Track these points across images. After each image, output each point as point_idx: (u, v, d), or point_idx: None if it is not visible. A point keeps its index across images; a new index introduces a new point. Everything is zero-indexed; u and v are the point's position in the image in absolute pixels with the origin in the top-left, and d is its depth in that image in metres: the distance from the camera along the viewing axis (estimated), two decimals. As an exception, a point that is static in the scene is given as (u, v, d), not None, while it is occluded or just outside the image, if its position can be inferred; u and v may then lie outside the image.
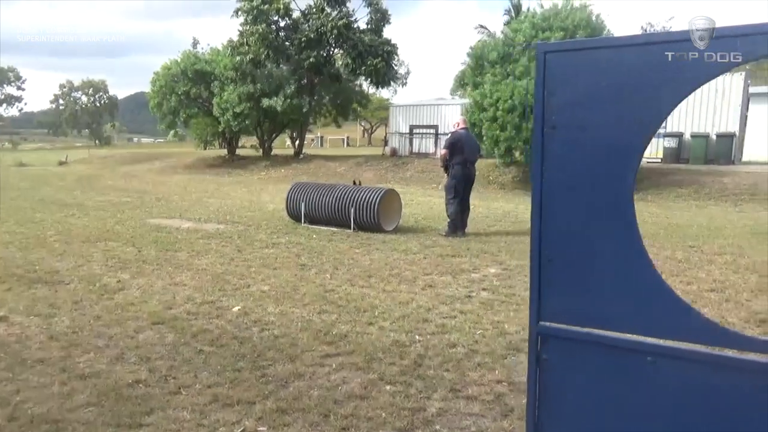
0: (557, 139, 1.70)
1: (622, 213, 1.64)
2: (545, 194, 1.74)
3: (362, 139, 65.54)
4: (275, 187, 19.37)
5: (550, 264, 1.74)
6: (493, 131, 16.80)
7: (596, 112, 1.63)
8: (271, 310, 5.17)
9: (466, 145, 9.21)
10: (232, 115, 25.35)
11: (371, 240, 8.72)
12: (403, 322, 4.87)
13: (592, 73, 1.63)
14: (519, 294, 5.78)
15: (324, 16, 24.62)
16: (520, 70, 17.30)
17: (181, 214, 11.62)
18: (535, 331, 1.81)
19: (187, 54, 28.54)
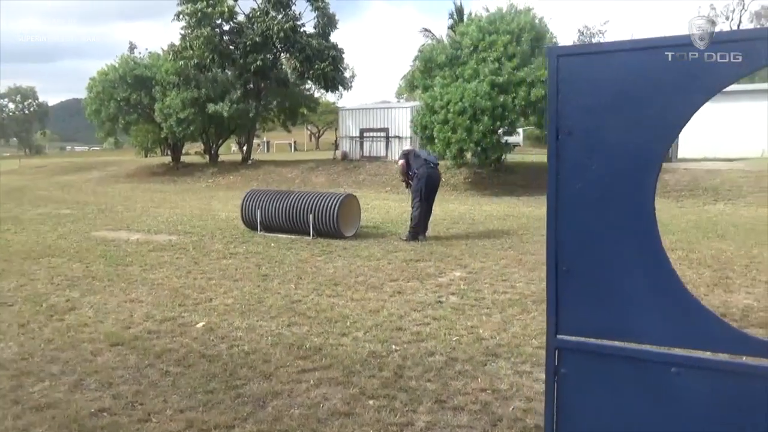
0: (573, 145, 1.64)
1: (643, 221, 1.60)
2: (561, 202, 1.68)
3: (310, 144, 64.99)
4: (225, 194, 18.89)
5: (567, 275, 1.69)
6: (445, 133, 16.93)
7: (614, 117, 1.59)
8: (237, 325, 4.96)
9: (421, 152, 9.40)
10: (176, 120, 24.57)
11: (332, 247, 8.57)
12: (376, 331, 4.76)
13: (609, 76, 1.58)
14: (488, 297, 5.78)
15: (269, 19, 24.23)
16: (469, 72, 17.53)
17: (129, 226, 11.11)
18: (553, 345, 1.75)
19: (125, 59, 27.49)
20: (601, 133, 1.61)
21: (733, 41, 1.56)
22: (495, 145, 17.25)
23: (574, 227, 1.68)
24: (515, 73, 17.00)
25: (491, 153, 17.44)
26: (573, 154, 1.65)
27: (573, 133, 1.64)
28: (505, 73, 17.02)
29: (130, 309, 5.47)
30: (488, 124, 16.41)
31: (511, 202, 15.86)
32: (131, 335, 4.72)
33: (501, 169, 19.79)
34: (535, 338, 4.56)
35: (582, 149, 1.63)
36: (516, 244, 8.70)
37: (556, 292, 1.72)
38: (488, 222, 11.42)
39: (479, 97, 16.52)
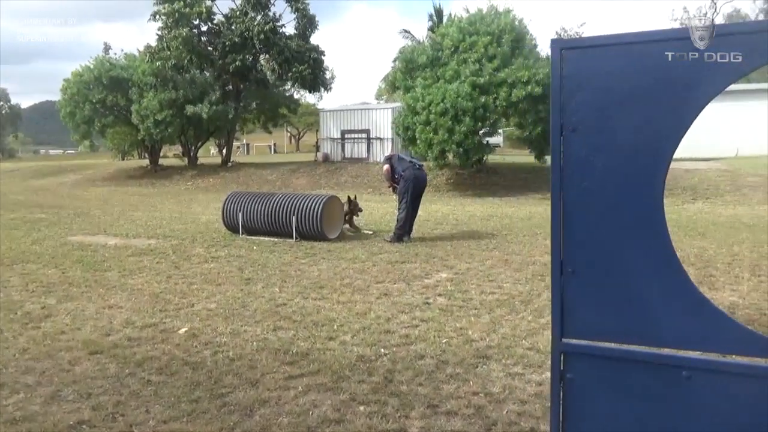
0: (578, 142, 1.58)
1: (652, 220, 1.55)
2: (566, 201, 1.61)
3: (290, 146, 64.59)
4: (205, 197, 18.63)
5: (573, 276, 1.63)
6: (426, 134, 16.92)
7: (622, 113, 1.53)
8: (221, 330, 4.83)
9: (405, 156, 9.33)
10: (153, 122, 24.21)
11: (315, 249, 8.46)
12: (364, 334, 4.68)
13: (618, 70, 1.52)
14: (476, 298, 5.73)
15: (249, 20, 24.01)
16: (450, 73, 17.55)
17: (106, 230, 10.87)
18: (558, 348, 1.68)
19: (100, 60, 27.02)
20: (608, 130, 1.55)
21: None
22: (476, 146, 17.28)
23: (579, 227, 1.62)
24: (496, 74, 17.06)
25: (473, 154, 17.47)
26: (578, 152, 1.59)
27: (578, 130, 1.59)
28: (486, 74, 17.07)
29: (109, 315, 5.30)
30: (470, 124, 16.44)
31: (494, 202, 15.91)
32: (110, 343, 4.56)
33: (482, 170, 19.86)
34: (525, 339, 4.52)
35: (587, 146, 1.58)
36: (501, 245, 8.69)
37: (561, 294, 1.66)
38: (472, 223, 11.41)
39: (460, 97, 16.54)
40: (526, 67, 17.01)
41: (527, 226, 10.80)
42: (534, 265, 7.25)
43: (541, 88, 16.56)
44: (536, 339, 4.52)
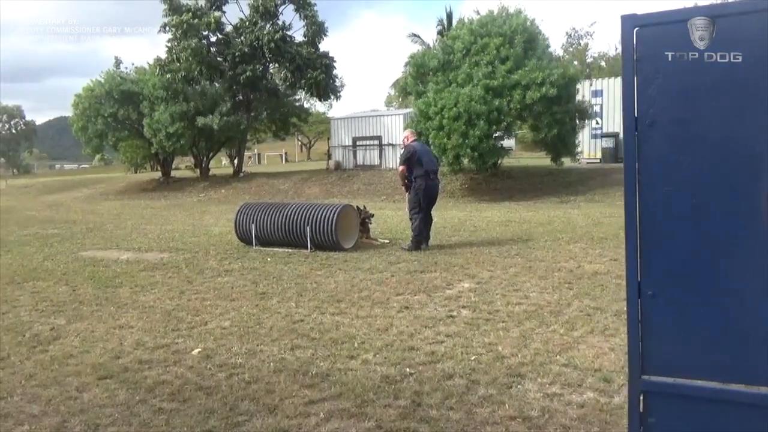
0: (657, 138, 1.31)
1: (753, 231, 1.27)
2: (644, 210, 1.34)
3: (301, 154, 64.68)
4: (218, 209, 18.50)
5: (654, 300, 1.36)
6: (440, 140, 16.67)
7: (712, 102, 1.26)
8: (236, 350, 4.60)
9: (423, 156, 8.86)
10: (165, 135, 24.21)
11: (331, 260, 8.22)
12: (387, 352, 4.41)
13: (706, 49, 1.26)
14: (502, 310, 5.45)
15: (258, 29, 23.96)
16: (462, 77, 17.30)
17: (118, 245, 10.72)
18: (637, 387, 1.41)
19: (111, 74, 27.13)
20: (695, 123, 1.28)
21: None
22: (491, 149, 16.99)
23: (661, 241, 1.35)
24: (509, 76, 16.78)
25: (488, 158, 17.19)
26: (658, 150, 1.32)
27: (657, 124, 1.32)
28: (499, 76, 16.80)
29: (120, 336, 5.09)
30: (484, 128, 16.17)
31: (511, 207, 15.59)
32: (120, 366, 4.34)
33: (497, 174, 19.56)
34: (560, 355, 4.23)
35: (669, 144, 1.31)
36: (523, 251, 8.40)
37: (640, 322, 1.38)
38: (490, 228, 11.12)
39: (474, 101, 16.28)
40: (540, 68, 16.71)
41: (548, 230, 10.49)
42: (559, 272, 6.96)
43: (555, 90, 16.26)
44: (571, 354, 4.23)
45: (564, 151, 18.58)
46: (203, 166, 28.43)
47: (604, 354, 4.21)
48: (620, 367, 3.94)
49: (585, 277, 6.61)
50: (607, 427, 3.16)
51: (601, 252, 8.09)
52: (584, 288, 6.13)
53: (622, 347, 4.32)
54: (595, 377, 3.79)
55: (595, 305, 5.46)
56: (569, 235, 9.69)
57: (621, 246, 8.28)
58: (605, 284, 6.25)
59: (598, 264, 7.32)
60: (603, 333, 4.69)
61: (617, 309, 5.29)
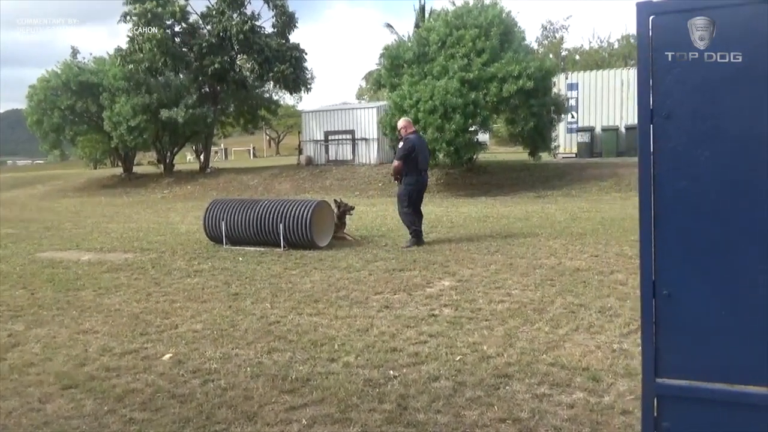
0: (674, 131, 1.29)
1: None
2: (659, 206, 1.31)
3: (269, 149, 64.05)
4: (184, 206, 18.17)
5: (669, 300, 1.33)
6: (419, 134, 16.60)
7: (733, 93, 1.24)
8: (210, 355, 4.48)
9: (421, 153, 8.86)
10: (127, 129, 23.63)
11: (306, 259, 8.13)
12: (369, 354, 4.36)
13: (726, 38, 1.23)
14: (485, 308, 5.45)
15: (226, 19, 23.58)
16: (438, 69, 17.31)
17: (78, 245, 10.42)
18: (651, 391, 1.38)
19: (68, 64, 26.34)
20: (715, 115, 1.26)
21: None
22: (467, 144, 17.05)
23: (678, 239, 1.32)
24: (485, 69, 16.86)
25: (464, 152, 17.25)
26: (675, 144, 1.29)
27: (674, 116, 1.29)
28: (475, 68, 16.87)
29: (84, 342, 4.92)
30: (460, 122, 16.21)
31: (488, 202, 15.69)
32: (86, 374, 4.19)
33: (473, 169, 19.65)
34: (546, 354, 4.24)
35: (687, 136, 1.28)
36: (503, 247, 8.43)
37: (654, 323, 1.36)
38: (468, 224, 11.16)
39: (449, 94, 16.30)
40: (517, 60, 16.83)
41: (526, 226, 10.57)
42: (541, 268, 7.01)
43: (532, 82, 16.40)
44: (558, 353, 4.24)
45: (541, 145, 18.77)
46: (167, 161, 27.87)
47: (591, 352, 4.23)
48: (608, 366, 3.97)
49: (567, 274, 6.67)
50: (599, 428, 3.16)
51: (581, 248, 8.18)
52: (567, 285, 6.17)
53: (609, 345, 4.36)
54: (583, 376, 3.80)
55: (579, 302, 5.50)
56: (548, 231, 9.78)
57: (601, 242, 8.45)
58: (587, 281, 6.31)
59: (579, 260, 7.39)
60: (588, 330, 4.72)
61: (601, 306, 5.35)
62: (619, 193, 15.87)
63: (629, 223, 10.23)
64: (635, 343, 4.31)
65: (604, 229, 9.75)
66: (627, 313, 5.09)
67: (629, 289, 5.89)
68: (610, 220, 10.91)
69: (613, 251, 7.85)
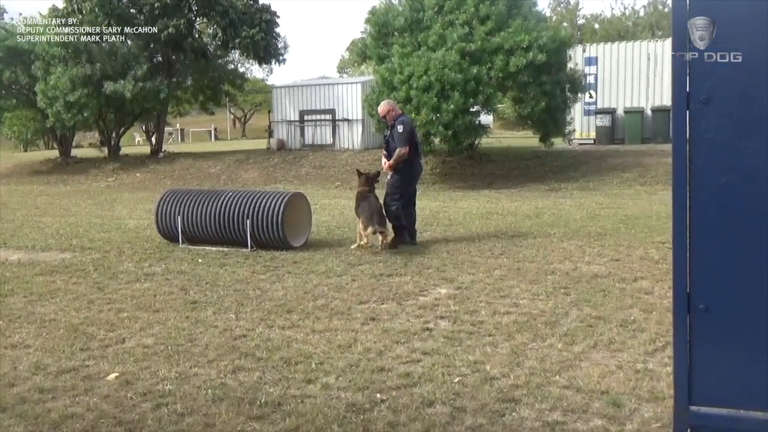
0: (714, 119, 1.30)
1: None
2: (695, 206, 1.33)
3: (234, 131, 63.86)
4: (132, 197, 18.08)
5: (707, 316, 1.35)
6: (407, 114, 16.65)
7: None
8: (164, 374, 4.48)
9: (416, 135, 9.11)
10: (64, 105, 23.37)
11: (278, 261, 8.14)
12: (352, 374, 4.38)
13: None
14: (488, 321, 5.50)
15: (182, -25, 23.43)
16: (434, 39, 17.35)
17: (6, 242, 10.35)
18: (684, 420, 1.40)
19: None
20: (761, 101, 1.27)
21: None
22: (468, 127, 17.11)
23: (717, 244, 1.34)
24: (490, 39, 16.93)
25: (464, 137, 17.31)
26: (715, 133, 1.31)
27: (714, 101, 1.30)
28: (478, 38, 16.92)
29: (13, 358, 4.90)
30: (459, 101, 16.26)
31: (492, 196, 15.78)
32: (16, 397, 4.17)
33: (474, 156, 19.75)
34: (559, 374, 4.29)
35: (730, 125, 1.30)
36: (508, 249, 8.50)
37: (689, 342, 1.38)
38: (468, 222, 11.23)
39: (447, 68, 16.35)
40: (526, 29, 16.91)
41: (536, 224, 10.66)
42: (553, 274, 7.09)
43: (544, 55, 16.48)
44: (573, 374, 4.29)
45: (554, 129, 18.89)
46: (112, 143, 27.69)
47: (611, 373, 4.29)
48: (631, 389, 4.02)
49: (583, 281, 6.74)
50: (620, 461, 3.21)
51: (600, 250, 8.27)
52: (583, 294, 6.24)
53: (632, 364, 4.42)
54: (602, 401, 3.86)
55: (597, 314, 5.57)
56: (562, 231, 9.87)
57: (623, 243, 8.55)
58: (607, 289, 6.39)
59: (598, 265, 7.48)
60: (608, 347, 4.78)
61: (623, 318, 5.42)
62: (644, 186, 16.03)
63: (656, 222, 10.37)
64: (663, 362, 4.38)
65: (626, 229, 9.86)
66: (653, 327, 5.16)
67: (656, 299, 5.98)
68: (633, 217, 11.02)
69: (636, 254, 7.95)
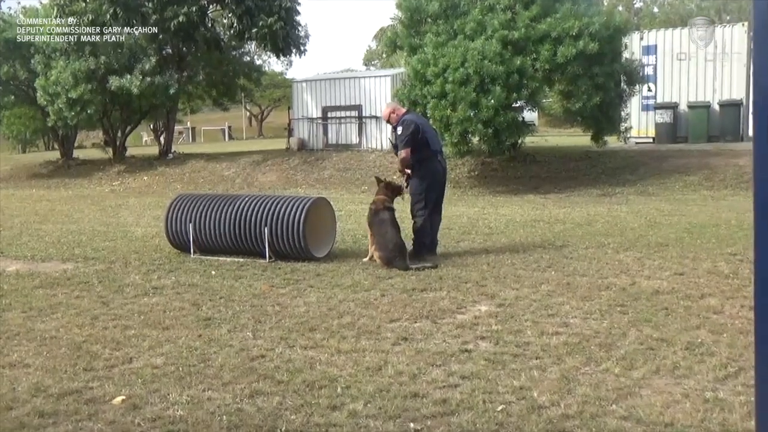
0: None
1: None
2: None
3: (250, 129, 64.51)
4: (139, 202, 18.36)
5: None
6: (442, 111, 16.69)
7: None
8: (174, 398, 4.52)
9: (428, 131, 8.95)
10: (66, 102, 23.89)
11: (299, 273, 8.19)
12: (382, 400, 4.38)
13: None
14: (534, 342, 5.45)
15: (193, -42, 23.80)
16: (472, 26, 17.36)
17: (3, 251, 10.57)
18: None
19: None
20: None
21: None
22: (510, 125, 17.05)
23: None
24: (535, 26, 16.89)
25: (505, 136, 17.25)
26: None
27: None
28: (521, 25, 16.90)
29: (11, 378, 4.99)
30: (501, 96, 16.22)
31: (537, 201, 15.70)
32: (14, 421, 4.25)
33: (517, 157, 19.68)
34: (616, 403, 4.23)
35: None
36: (557, 262, 8.44)
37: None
38: (511, 231, 11.18)
39: (487, 59, 16.32)
40: (576, 15, 16.84)
41: (588, 233, 10.58)
42: (608, 290, 7.02)
43: (596, 44, 16.37)
44: (632, 403, 4.23)
45: (608, 126, 18.76)
46: (118, 144, 28.18)
47: (676, 402, 4.22)
48: (699, 421, 3.95)
49: (642, 298, 6.66)
50: (687, 503, 3.15)
51: (661, 263, 8.17)
52: (642, 312, 6.17)
53: (700, 392, 4.35)
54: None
55: (659, 336, 5.50)
56: (617, 241, 9.78)
57: (687, 255, 8.45)
58: (670, 307, 6.30)
59: (659, 280, 7.39)
60: (672, 373, 4.71)
61: (688, 340, 5.34)
62: (711, 191, 15.81)
63: (725, 231, 10.23)
64: (735, 390, 4.30)
65: (691, 239, 9.73)
66: (723, 350, 5.07)
67: (726, 319, 5.89)
68: (699, 226, 10.87)
69: (703, 268, 7.83)
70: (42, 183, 25.23)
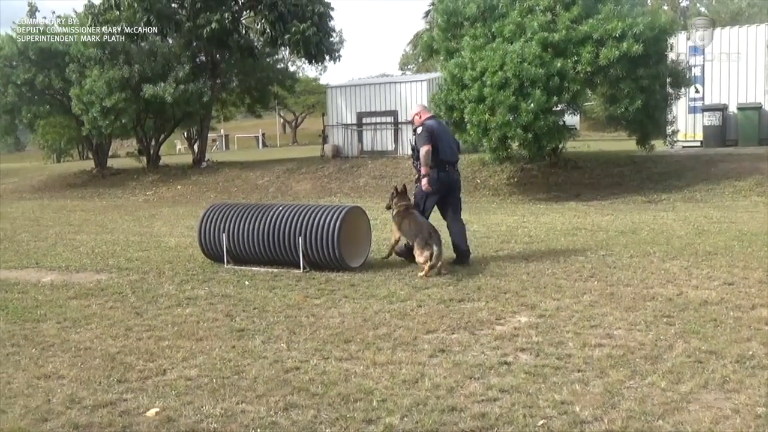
0: None
1: None
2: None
3: (284, 136, 65.07)
4: (172, 212, 18.62)
5: None
6: (480, 116, 16.63)
7: None
8: (208, 411, 4.59)
9: (441, 139, 9.08)
10: (100, 111, 24.33)
11: (333, 283, 8.23)
12: (419, 414, 4.39)
13: None
14: (576, 354, 5.42)
15: (226, -35, 24.12)
16: (511, 28, 17.30)
17: (38, 261, 10.81)
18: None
19: (25, 26, 27.31)
20: None
21: None
22: (551, 129, 16.93)
23: None
24: (576, 28, 16.76)
25: (546, 141, 17.13)
26: None
27: None
28: (562, 27, 16.78)
29: (46, 390, 5.10)
30: (541, 100, 16.10)
31: (579, 209, 15.56)
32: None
33: (558, 163, 19.54)
34: (663, 418, 4.19)
35: None
36: (600, 271, 8.36)
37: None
38: (552, 239, 11.09)
39: (527, 62, 16.23)
40: (619, 15, 16.66)
41: (633, 242, 10.45)
42: (654, 300, 6.94)
43: (641, 46, 16.17)
44: (679, 418, 4.19)
45: (653, 130, 18.52)
46: (152, 152, 28.60)
47: (726, 418, 4.17)
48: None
49: (690, 309, 6.57)
50: None
51: (709, 272, 8.05)
52: (690, 324, 6.08)
53: (751, 408, 4.29)
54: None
55: (708, 348, 5.42)
56: (663, 249, 9.65)
57: (737, 264, 8.34)
58: (719, 318, 6.21)
59: (707, 290, 7.28)
60: (722, 387, 4.64)
61: (739, 353, 5.26)
62: (763, 197, 15.52)
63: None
64: (788, 406, 4.22)
65: (741, 247, 9.56)
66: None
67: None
68: (750, 234, 10.68)
69: (754, 277, 7.70)
70: (76, 193, 25.69)
